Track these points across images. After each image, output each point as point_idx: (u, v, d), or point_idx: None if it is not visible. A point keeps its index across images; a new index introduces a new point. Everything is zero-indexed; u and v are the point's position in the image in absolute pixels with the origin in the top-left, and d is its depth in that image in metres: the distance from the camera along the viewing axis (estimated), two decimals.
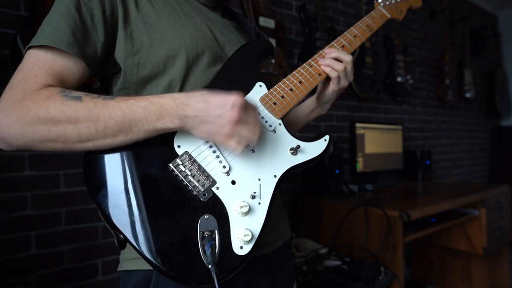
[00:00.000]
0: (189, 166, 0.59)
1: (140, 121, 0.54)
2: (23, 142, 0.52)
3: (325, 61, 0.76)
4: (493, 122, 4.16)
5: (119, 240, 0.57)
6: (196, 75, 0.67)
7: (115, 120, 0.53)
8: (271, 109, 0.69)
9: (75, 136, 0.53)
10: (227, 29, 0.77)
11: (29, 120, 0.51)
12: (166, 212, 0.56)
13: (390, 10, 0.92)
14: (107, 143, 0.55)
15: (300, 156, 0.68)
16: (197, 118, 0.55)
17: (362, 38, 0.84)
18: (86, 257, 1.40)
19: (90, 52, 0.59)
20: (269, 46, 0.78)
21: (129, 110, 0.54)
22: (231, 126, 0.55)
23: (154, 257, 0.53)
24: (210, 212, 0.58)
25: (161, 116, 0.54)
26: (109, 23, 0.61)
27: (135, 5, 0.64)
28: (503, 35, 4.22)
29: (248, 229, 0.58)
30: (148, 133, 0.56)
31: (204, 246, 0.55)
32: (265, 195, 0.63)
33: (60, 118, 0.52)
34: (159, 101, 0.55)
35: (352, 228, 1.62)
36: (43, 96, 0.52)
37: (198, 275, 0.54)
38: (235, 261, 0.57)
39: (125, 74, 0.64)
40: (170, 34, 0.65)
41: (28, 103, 0.52)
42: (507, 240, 2.17)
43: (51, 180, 1.33)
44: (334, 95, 0.81)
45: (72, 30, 0.57)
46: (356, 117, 2.49)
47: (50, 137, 0.52)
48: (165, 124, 0.55)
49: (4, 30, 1.26)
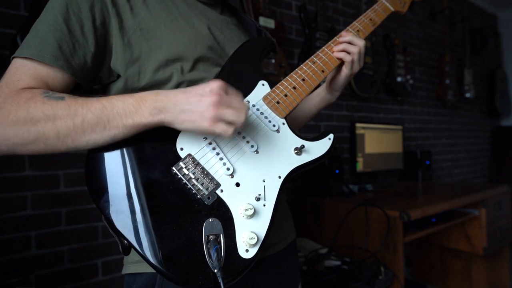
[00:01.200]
0: (193, 169, 0.58)
1: (118, 114, 0.53)
2: (6, 146, 0.51)
3: (339, 46, 0.76)
4: (493, 122, 4.16)
5: (124, 246, 0.56)
6: (197, 77, 0.66)
7: (93, 112, 0.52)
8: (274, 108, 0.68)
9: (54, 133, 0.51)
10: (226, 27, 0.76)
11: (9, 123, 0.50)
12: (170, 216, 0.55)
13: (393, 3, 0.89)
14: (86, 140, 0.53)
15: (305, 156, 0.67)
16: (176, 107, 0.54)
17: (365, 33, 0.83)
18: (86, 257, 1.40)
19: (79, 63, 0.58)
20: (271, 43, 0.77)
21: (108, 104, 0.53)
22: (212, 110, 0.53)
23: (160, 263, 0.52)
24: (215, 216, 0.57)
25: (139, 108, 0.53)
26: (100, 32, 0.60)
27: (130, 11, 0.62)
28: (503, 35, 4.22)
29: (254, 232, 0.57)
30: (127, 128, 0.54)
31: (209, 250, 0.54)
32: (270, 197, 0.62)
33: (39, 117, 0.51)
34: (139, 95, 0.54)
35: (352, 228, 1.62)
36: (24, 98, 0.52)
37: (204, 280, 0.53)
38: (241, 264, 0.56)
39: (126, 83, 0.63)
40: (168, 38, 0.63)
41: (8, 106, 0.51)
42: (507, 240, 2.17)
43: (51, 180, 1.33)
44: (346, 80, 0.80)
45: (59, 43, 0.56)
46: (356, 117, 2.49)
47: (30, 138, 0.51)
48: (144, 117, 0.53)
49: (4, 30, 1.26)
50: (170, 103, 0.54)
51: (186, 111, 0.54)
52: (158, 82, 0.64)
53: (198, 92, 0.54)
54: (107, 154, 0.57)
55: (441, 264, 2.35)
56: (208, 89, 0.54)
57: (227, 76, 0.68)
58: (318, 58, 0.76)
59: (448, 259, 2.32)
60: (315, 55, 0.76)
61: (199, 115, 0.54)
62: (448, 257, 2.32)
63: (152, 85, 0.63)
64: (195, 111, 0.54)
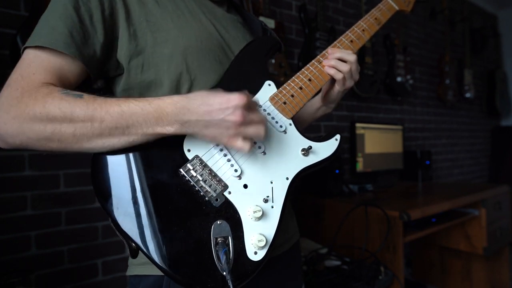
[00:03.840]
0: (200, 170, 0.58)
1: (138, 122, 0.52)
2: (20, 140, 0.51)
3: (329, 62, 0.73)
4: (493, 122, 4.16)
5: (131, 249, 0.55)
6: (202, 74, 0.65)
7: (112, 115, 0.51)
8: (281, 108, 0.67)
9: (70, 133, 0.51)
10: (233, 25, 0.75)
11: (26, 117, 0.50)
12: (178, 218, 0.54)
13: (397, 1, 0.88)
14: (102, 144, 0.53)
15: (312, 157, 0.66)
16: (200, 122, 0.53)
17: (370, 32, 0.82)
18: (86, 257, 1.40)
19: (89, 52, 0.58)
20: (276, 42, 0.76)
21: (127, 108, 0.52)
22: (235, 129, 0.53)
23: (168, 265, 0.52)
24: (223, 218, 0.57)
25: (160, 119, 0.53)
26: (109, 23, 0.60)
27: (138, 3, 0.62)
28: (503, 35, 4.22)
29: (262, 234, 0.57)
30: (147, 136, 0.54)
31: (218, 252, 0.53)
32: (278, 199, 0.61)
33: (55, 114, 0.50)
34: (158, 104, 0.53)
35: (352, 228, 1.62)
36: (42, 93, 0.51)
37: (212, 283, 0.53)
38: (250, 267, 0.56)
39: (129, 74, 0.63)
40: (175, 33, 0.63)
41: (26, 100, 0.51)
42: (507, 240, 2.17)
43: (51, 180, 1.33)
44: (340, 95, 0.79)
45: (70, 30, 0.55)
46: (356, 117, 2.49)
47: (45, 134, 0.51)
48: (165, 128, 0.53)
49: (4, 30, 1.26)
50: (192, 117, 0.53)
51: (209, 127, 0.54)
52: (162, 77, 0.63)
53: (222, 106, 0.53)
54: (113, 155, 0.56)
55: (441, 264, 2.35)
56: (232, 105, 0.52)
57: (233, 76, 0.67)
58: (324, 57, 0.75)
59: (448, 259, 2.32)
60: (322, 55, 0.75)
61: (221, 132, 0.54)
62: (448, 257, 2.32)
63: (155, 79, 0.63)
64: (218, 127, 0.53)
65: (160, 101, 0.54)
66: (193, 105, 0.53)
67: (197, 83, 0.65)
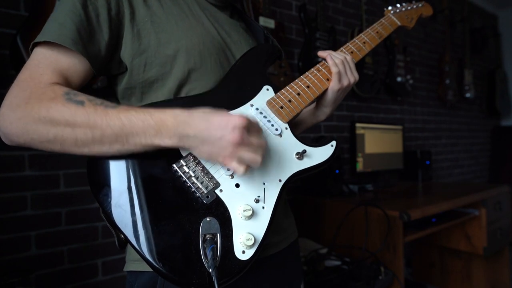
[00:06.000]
0: (193, 167, 0.59)
1: (137, 134, 0.53)
2: (24, 140, 0.53)
3: (323, 53, 0.76)
4: (493, 122, 4.16)
5: (120, 240, 0.56)
6: (203, 77, 0.67)
7: (113, 129, 0.52)
8: (278, 112, 0.68)
9: (72, 139, 0.52)
10: (235, 30, 0.76)
11: (31, 119, 0.51)
12: (168, 213, 0.55)
13: (400, 17, 0.90)
14: (102, 151, 0.54)
15: (306, 161, 0.67)
16: (197, 138, 0.54)
17: (371, 45, 0.83)
18: (86, 257, 1.40)
19: (94, 50, 0.59)
20: (277, 50, 0.77)
21: (128, 121, 0.53)
22: (232, 149, 0.53)
23: (154, 259, 0.53)
24: (213, 215, 0.57)
25: (160, 132, 0.53)
26: (115, 22, 0.61)
27: (143, 3, 0.63)
28: (503, 35, 4.22)
29: (251, 233, 0.57)
30: (145, 147, 0.54)
31: (205, 249, 0.54)
32: (269, 200, 0.62)
33: (58, 120, 0.52)
34: (159, 116, 0.54)
35: (352, 228, 1.62)
36: (48, 97, 0.53)
37: (198, 279, 0.53)
38: (237, 265, 0.56)
39: (131, 73, 0.64)
40: (178, 35, 0.64)
41: (33, 102, 0.52)
42: (507, 240, 2.17)
43: (51, 180, 1.33)
44: (334, 95, 0.76)
45: (77, 27, 0.57)
46: (356, 117, 2.49)
47: (48, 137, 0.52)
48: (163, 141, 0.54)
49: (4, 30, 1.26)
50: (191, 132, 0.53)
51: (206, 144, 0.54)
52: (164, 77, 0.65)
53: (221, 124, 0.53)
54: None
55: (441, 264, 2.35)
56: (232, 126, 0.53)
57: (233, 79, 0.69)
58: (324, 66, 0.76)
59: (448, 259, 2.32)
60: (321, 64, 0.76)
61: (217, 151, 0.54)
62: (448, 257, 2.32)
63: (157, 79, 0.65)
64: (215, 146, 0.54)
65: (161, 114, 0.54)
66: (194, 120, 0.54)
67: (198, 84, 0.67)
